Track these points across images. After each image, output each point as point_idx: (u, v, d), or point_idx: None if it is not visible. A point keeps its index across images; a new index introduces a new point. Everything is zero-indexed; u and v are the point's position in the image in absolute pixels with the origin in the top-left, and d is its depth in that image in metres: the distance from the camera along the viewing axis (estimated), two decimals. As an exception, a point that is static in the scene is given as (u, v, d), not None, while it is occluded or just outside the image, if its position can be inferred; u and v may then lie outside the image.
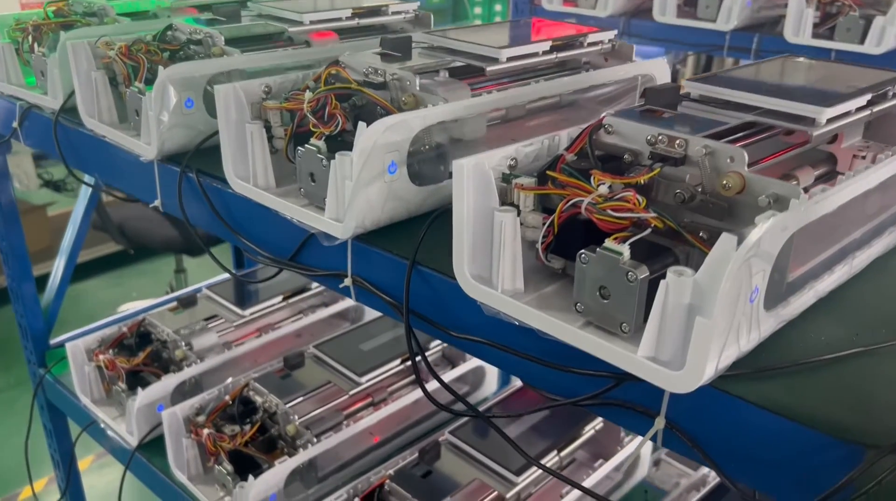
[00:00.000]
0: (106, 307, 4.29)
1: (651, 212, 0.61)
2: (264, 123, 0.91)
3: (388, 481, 1.14)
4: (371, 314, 1.68)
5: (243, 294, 1.64)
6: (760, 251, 0.55)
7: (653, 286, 0.59)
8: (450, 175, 0.87)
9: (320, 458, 1.28)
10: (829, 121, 0.72)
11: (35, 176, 4.69)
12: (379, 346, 1.46)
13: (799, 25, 1.73)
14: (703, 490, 1.14)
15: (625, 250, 0.60)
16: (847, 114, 0.74)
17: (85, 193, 1.78)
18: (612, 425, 1.28)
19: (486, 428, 1.26)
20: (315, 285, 1.68)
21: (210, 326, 1.55)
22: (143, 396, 1.36)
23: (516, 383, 1.42)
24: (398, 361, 1.42)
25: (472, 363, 1.48)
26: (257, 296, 1.62)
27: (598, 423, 1.27)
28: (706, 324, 0.54)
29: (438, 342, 1.47)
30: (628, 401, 0.64)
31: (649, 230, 0.61)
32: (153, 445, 1.40)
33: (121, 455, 1.44)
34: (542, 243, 0.68)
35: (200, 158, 1.01)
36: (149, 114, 1.00)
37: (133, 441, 1.40)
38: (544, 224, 0.67)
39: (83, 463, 3.02)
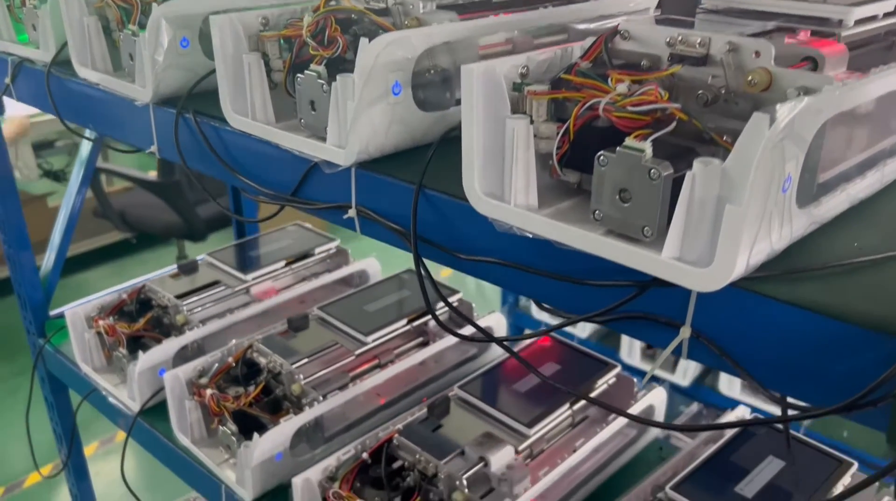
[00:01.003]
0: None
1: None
2: (262, 55, 0.88)
3: (396, 435, 1.11)
4: (375, 278, 1.65)
5: (245, 260, 1.60)
6: (793, 134, 0.51)
7: (676, 188, 0.55)
8: (457, 102, 0.86)
9: (326, 418, 1.24)
10: (858, 22, 0.69)
11: (35, 166, 4.67)
12: (385, 307, 1.43)
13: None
14: (720, 442, 1.10)
15: (647, 146, 0.56)
16: (875, 17, 0.71)
17: (84, 150, 1.73)
18: (626, 378, 1.25)
19: (497, 383, 1.23)
20: (318, 250, 1.65)
21: (212, 291, 1.52)
22: (145, 359, 1.33)
23: (525, 342, 1.39)
24: (405, 321, 1.38)
25: (479, 323, 1.44)
26: (259, 262, 1.59)
27: (611, 378, 1.24)
28: (737, 212, 0.50)
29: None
30: (650, 313, 0.60)
31: (673, 125, 0.57)
32: (155, 410, 1.37)
33: (123, 423, 1.41)
34: (556, 154, 0.64)
35: (197, 100, 0.97)
36: (143, 55, 0.97)
37: (135, 407, 1.37)
38: (559, 133, 0.63)
39: (88, 449, 2.98)
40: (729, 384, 2.38)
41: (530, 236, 0.64)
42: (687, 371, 2.40)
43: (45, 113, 1.36)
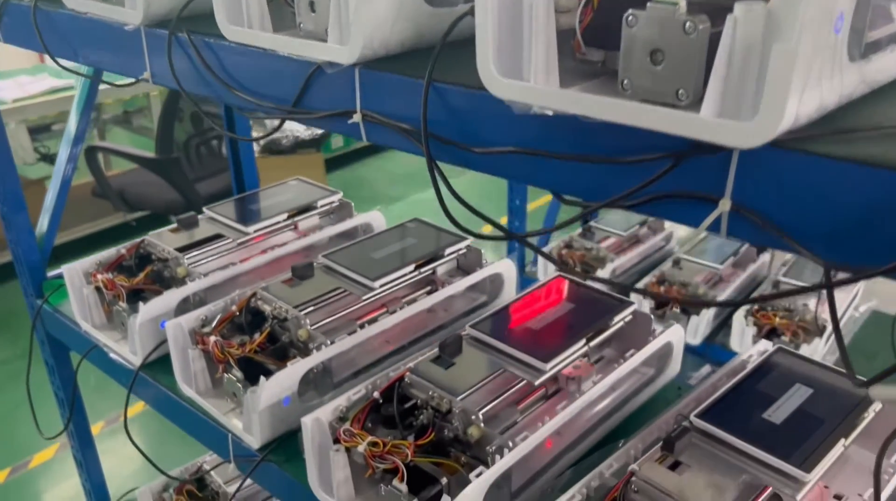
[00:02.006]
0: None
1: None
2: (257, -38, 0.83)
3: (408, 374, 1.07)
4: (380, 228, 1.61)
5: (246, 214, 1.56)
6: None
7: (712, 48, 0.51)
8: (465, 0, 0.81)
9: (335, 363, 1.20)
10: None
11: (31, 149, 4.61)
12: (391, 254, 1.38)
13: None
14: (743, 372, 1.06)
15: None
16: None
17: (81, 92, 1.68)
18: (643, 316, 1.21)
19: (510, 321, 1.19)
20: (321, 203, 1.60)
21: (213, 245, 1.48)
22: (145, 310, 1.29)
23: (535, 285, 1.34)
24: (412, 267, 1.34)
25: (489, 270, 1.41)
26: (260, 215, 1.54)
27: (627, 315, 1.20)
28: (786, 51, 0.46)
29: (454, 249, 1.40)
30: (685, 190, 0.56)
31: None
32: (158, 364, 1.33)
33: (124, 380, 1.37)
34: (579, 27, 0.60)
35: (189, 22, 0.93)
36: (132, -26, 0.92)
37: (136, 361, 1.33)
38: (580, 4, 0.60)
39: (94, 428, 2.95)
40: (741, 340, 2.34)
41: (551, 113, 0.59)
42: (698, 328, 2.36)
43: (37, 97, 1.33)
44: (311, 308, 1.25)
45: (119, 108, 5.54)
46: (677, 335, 1.22)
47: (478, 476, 0.92)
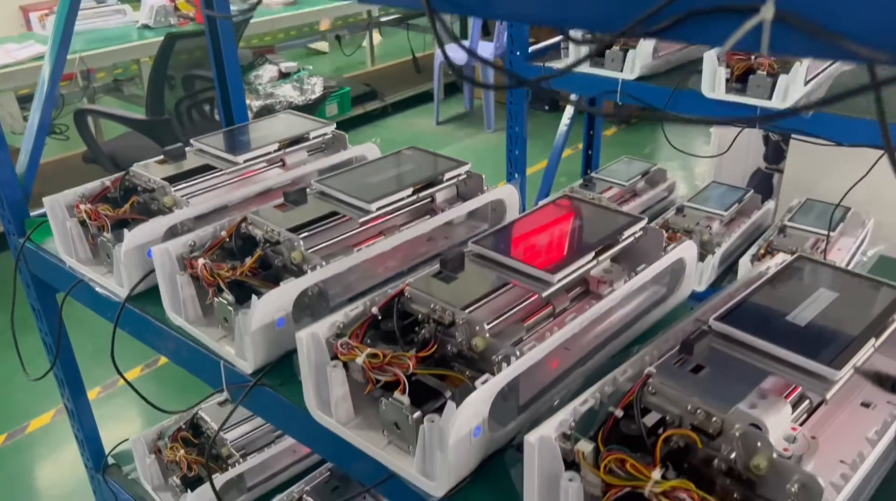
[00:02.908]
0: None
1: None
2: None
3: (408, 288, 1.01)
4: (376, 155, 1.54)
5: (236, 145, 1.49)
6: None
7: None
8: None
9: (331, 286, 1.15)
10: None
11: (21, 118, 4.53)
12: (389, 178, 1.32)
13: (713, 82, 1.95)
14: (763, 278, 1.01)
15: None
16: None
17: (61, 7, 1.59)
18: (655, 232, 1.14)
19: (514, 237, 1.13)
20: (313, 134, 1.54)
21: (202, 175, 1.41)
22: (131, 237, 1.22)
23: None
24: (410, 191, 1.28)
25: (490, 195, 1.35)
26: (250, 146, 1.48)
27: (638, 230, 1.13)
28: None
29: (453, 174, 1.33)
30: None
31: None
32: (145, 296, 1.27)
33: (111, 314, 1.31)
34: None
35: None
36: None
37: (123, 293, 1.27)
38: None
39: (90, 395, 2.90)
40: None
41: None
42: (703, 275, 2.30)
43: (25, 63, 1.25)
44: (306, 233, 1.19)
45: (110, 77, 5.46)
46: (690, 252, 1.16)
47: (484, 382, 0.86)
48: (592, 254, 1.07)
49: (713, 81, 1.96)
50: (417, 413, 0.89)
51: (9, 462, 3.00)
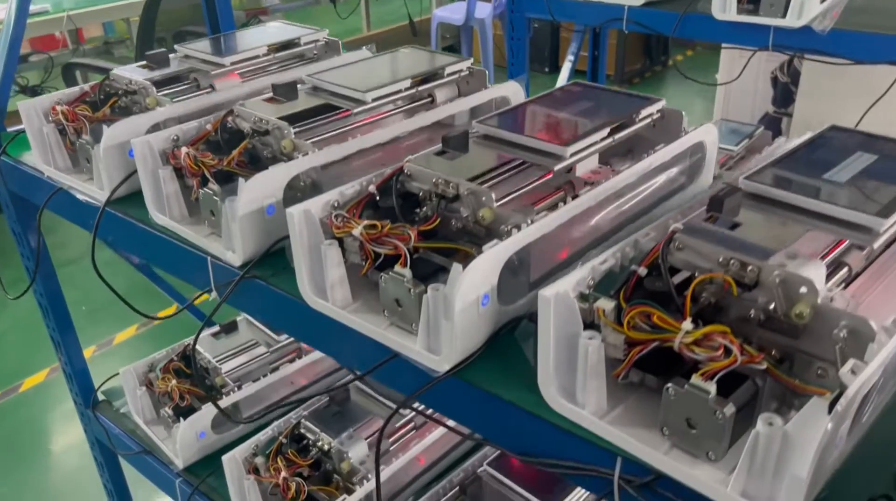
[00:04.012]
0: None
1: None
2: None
3: (408, 164, 0.92)
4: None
5: (223, 49, 1.40)
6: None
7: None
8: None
9: (325, 178, 1.06)
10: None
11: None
12: (385, 72, 1.24)
13: (724, 2, 1.87)
14: (798, 142, 0.93)
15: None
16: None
17: None
18: (673, 113, 1.06)
19: (522, 116, 1.05)
20: (304, 39, 1.45)
21: (187, 79, 1.33)
22: (111, 134, 1.14)
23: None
24: (409, 82, 1.19)
25: (494, 91, 1.26)
26: (237, 49, 1.39)
27: (655, 111, 1.05)
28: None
29: (454, 69, 1.25)
30: None
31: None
32: (127, 201, 1.19)
33: (93, 221, 1.22)
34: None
35: None
36: None
37: (103, 197, 1.19)
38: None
39: (86, 353, 2.86)
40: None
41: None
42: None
43: None
44: (297, 127, 1.10)
45: (100, 41, 5.34)
46: (711, 136, 1.08)
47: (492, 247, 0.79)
48: (607, 131, 0.99)
49: (724, 1, 1.88)
50: (420, 286, 0.81)
51: (3, 420, 2.95)
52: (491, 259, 0.78)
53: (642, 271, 0.74)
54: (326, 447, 1.37)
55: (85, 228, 1.28)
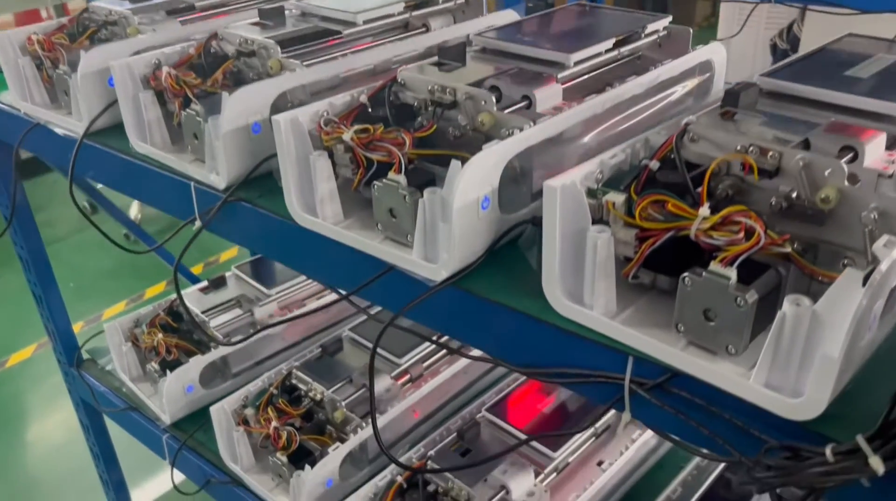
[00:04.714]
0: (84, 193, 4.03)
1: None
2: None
3: (401, 72, 0.87)
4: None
5: None
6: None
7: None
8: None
9: (314, 92, 1.01)
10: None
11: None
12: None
13: None
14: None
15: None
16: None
17: None
18: (681, 31, 1.02)
19: (517, 31, 0.99)
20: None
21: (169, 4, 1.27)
22: (89, 59, 1.08)
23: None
24: (401, 5, 1.14)
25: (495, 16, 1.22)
26: None
27: (661, 27, 1.00)
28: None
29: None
30: None
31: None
32: (108, 133, 1.13)
33: (69, 157, 1.16)
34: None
35: None
36: None
37: (81, 128, 1.13)
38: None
39: (75, 328, 2.81)
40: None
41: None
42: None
43: None
44: (286, 48, 1.05)
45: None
46: (719, 55, 1.03)
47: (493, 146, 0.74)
48: (612, 43, 0.93)
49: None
50: (416, 194, 0.76)
51: (-10, 393, 2.90)
52: (492, 157, 0.73)
53: (654, 164, 0.69)
54: (319, 396, 1.32)
55: (63, 166, 1.22)
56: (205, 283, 1.68)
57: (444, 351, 1.42)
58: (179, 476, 1.47)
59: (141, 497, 2.29)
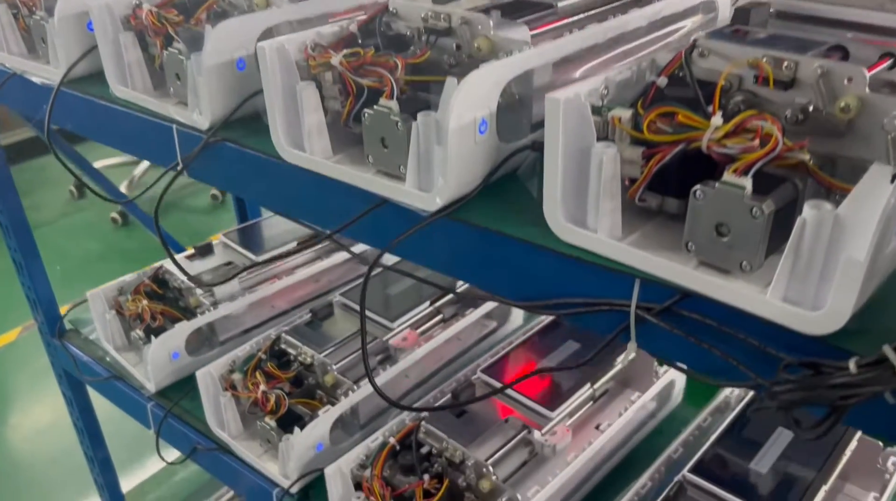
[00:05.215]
0: (71, 178, 3.97)
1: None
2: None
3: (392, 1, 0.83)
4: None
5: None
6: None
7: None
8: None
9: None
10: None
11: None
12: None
13: None
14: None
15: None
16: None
17: None
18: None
19: None
20: None
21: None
22: (65, 4, 1.03)
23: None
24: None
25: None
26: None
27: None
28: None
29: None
30: None
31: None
32: (87, 81, 1.09)
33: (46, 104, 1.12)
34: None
35: None
36: None
37: (57, 76, 1.08)
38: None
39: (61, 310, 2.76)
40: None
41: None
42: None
43: None
44: (272, -8, 1.00)
45: None
46: (723, -6, 0.99)
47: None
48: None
49: None
50: (409, 120, 0.72)
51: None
52: (490, 76, 0.69)
53: (662, 81, 0.65)
54: (309, 360, 1.28)
55: (42, 117, 1.17)
56: (191, 250, 1.64)
57: (439, 316, 1.39)
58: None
59: (130, 481, 2.25)
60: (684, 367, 0.62)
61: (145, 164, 3.81)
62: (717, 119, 0.57)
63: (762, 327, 0.55)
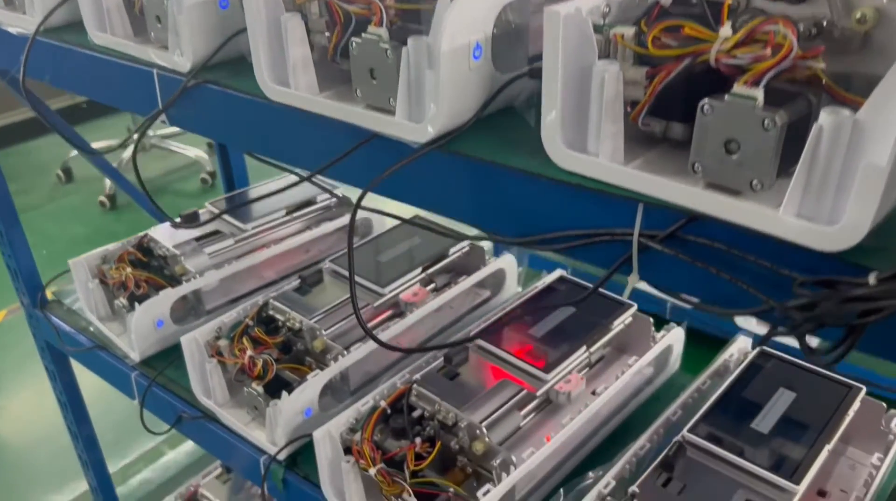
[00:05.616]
0: (58, 162, 3.92)
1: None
2: None
3: None
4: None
5: None
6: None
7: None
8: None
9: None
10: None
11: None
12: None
13: None
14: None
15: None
16: None
17: None
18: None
19: None
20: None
21: None
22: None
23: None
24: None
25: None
26: None
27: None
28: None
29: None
30: None
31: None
32: (67, 29, 1.05)
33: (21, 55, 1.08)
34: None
35: None
36: None
37: (33, 24, 1.04)
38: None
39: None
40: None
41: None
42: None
43: None
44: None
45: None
46: None
47: (485, -12, 0.66)
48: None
49: None
50: (399, 48, 0.68)
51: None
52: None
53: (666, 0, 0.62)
54: (297, 326, 1.24)
55: (17, 68, 1.13)
56: (177, 219, 1.60)
57: (431, 285, 1.36)
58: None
59: (116, 462, 2.22)
60: (691, 298, 0.58)
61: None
62: (725, 30, 0.54)
63: (774, 247, 0.52)
